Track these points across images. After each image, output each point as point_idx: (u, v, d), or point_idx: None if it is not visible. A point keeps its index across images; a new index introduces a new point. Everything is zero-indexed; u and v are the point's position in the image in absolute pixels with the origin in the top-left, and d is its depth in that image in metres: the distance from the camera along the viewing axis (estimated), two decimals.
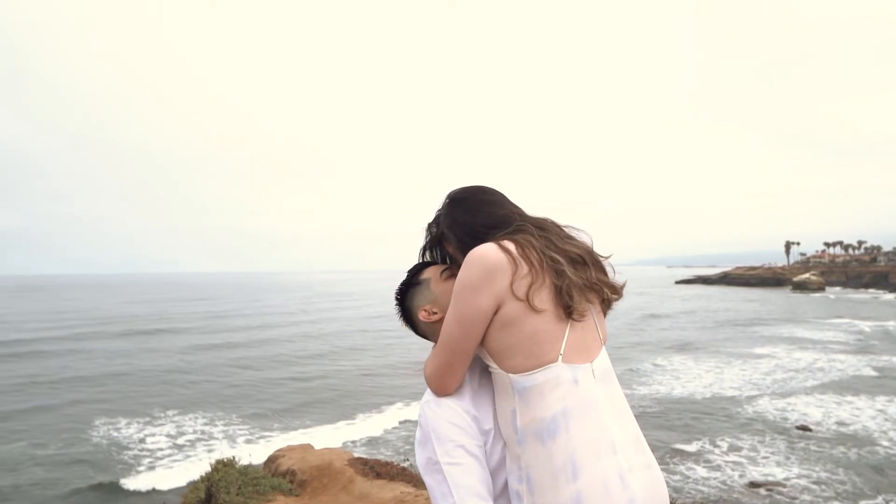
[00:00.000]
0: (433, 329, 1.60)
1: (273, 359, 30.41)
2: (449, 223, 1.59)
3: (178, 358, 30.89)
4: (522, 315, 1.39)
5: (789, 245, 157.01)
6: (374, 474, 5.99)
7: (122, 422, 17.99)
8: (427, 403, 1.50)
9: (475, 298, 1.40)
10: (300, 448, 7.90)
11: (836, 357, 28.89)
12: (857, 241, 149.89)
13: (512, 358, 1.41)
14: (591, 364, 1.45)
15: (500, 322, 1.41)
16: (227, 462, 6.71)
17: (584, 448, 1.36)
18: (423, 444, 1.45)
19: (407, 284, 1.65)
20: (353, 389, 22.79)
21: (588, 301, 1.47)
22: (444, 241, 1.63)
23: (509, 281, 1.39)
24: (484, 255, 1.41)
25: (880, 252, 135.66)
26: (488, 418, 1.48)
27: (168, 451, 15.19)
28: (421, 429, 1.48)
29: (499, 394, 1.47)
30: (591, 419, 1.39)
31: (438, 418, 1.44)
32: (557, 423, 1.37)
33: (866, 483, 12.80)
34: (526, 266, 1.41)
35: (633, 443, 1.43)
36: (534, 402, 1.39)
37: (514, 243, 1.44)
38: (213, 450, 14.93)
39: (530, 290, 1.39)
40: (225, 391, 22.60)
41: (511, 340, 1.41)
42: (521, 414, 1.40)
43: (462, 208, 1.58)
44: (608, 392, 1.46)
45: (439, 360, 1.48)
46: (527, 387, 1.40)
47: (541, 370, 1.40)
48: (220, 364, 28.85)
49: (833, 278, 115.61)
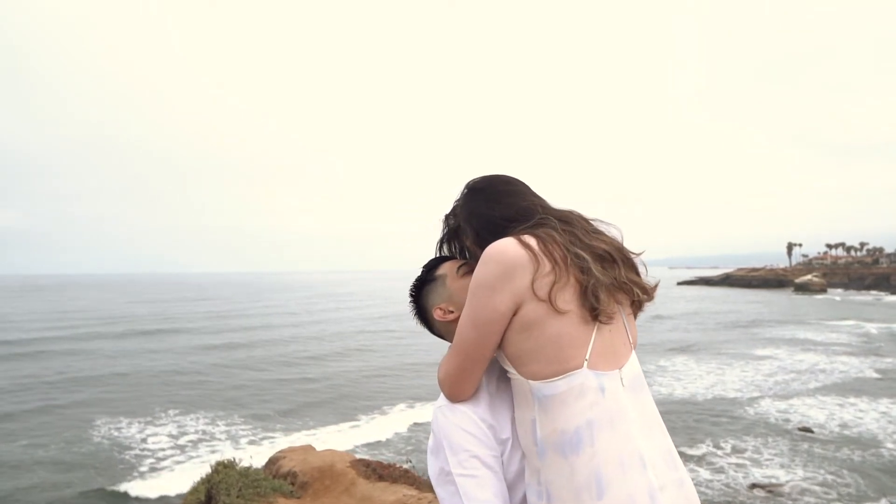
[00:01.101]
0: (449, 329, 1.49)
1: (275, 359, 30.40)
2: (466, 215, 1.47)
3: (180, 358, 30.90)
4: (544, 317, 1.27)
5: (791, 246, 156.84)
6: (377, 476, 5.95)
7: (123, 422, 17.99)
8: (440, 409, 1.39)
9: (492, 298, 1.28)
10: (301, 449, 7.86)
11: (838, 359, 28.80)
12: (859, 243, 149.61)
13: (532, 363, 1.29)
14: (620, 371, 1.33)
15: (520, 324, 1.29)
16: (227, 464, 6.68)
17: (610, 463, 1.23)
18: (436, 453, 1.35)
19: (422, 281, 1.55)
20: (355, 390, 22.77)
21: (617, 302, 1.35)
22: (460, 235, 1.53)
23: (530, 279, 1.27)
24: (502, 250, 1.29)
25: (882, 254, 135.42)
26: (506, 427, 1.37)
27: (170, 451, 15.18)
28: (433, 436, 1.37)
29: (518, 401, 1.35)
30: (619, 431, 1.26)
31: (452, 425, 1.34)
32: (581, 435, 1.25)
33: (870, 485, 12.74)
34: (548, 263, 1.28)
35: (664, 457, 1.30)
36: (556, 411, 1.27)
37: (536, 238, 1.32)
38: (216, 450, 14.91)
39: (553, 290, 1.27)
40: (227, 391, 22.60)
41: (531, 344, 1.29)
42: (541, 424, 1.28)
43: (480, 199, 1.46)
44: (638, 401, 1.33)
45: (453, 364, 1.37)
46: (548, 395, 1.28)
47: (564, 377, 1.27)
48: (222, 364, 28.85)
49: (835, 280, 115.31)
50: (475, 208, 1.45)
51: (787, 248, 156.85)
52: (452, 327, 1.47)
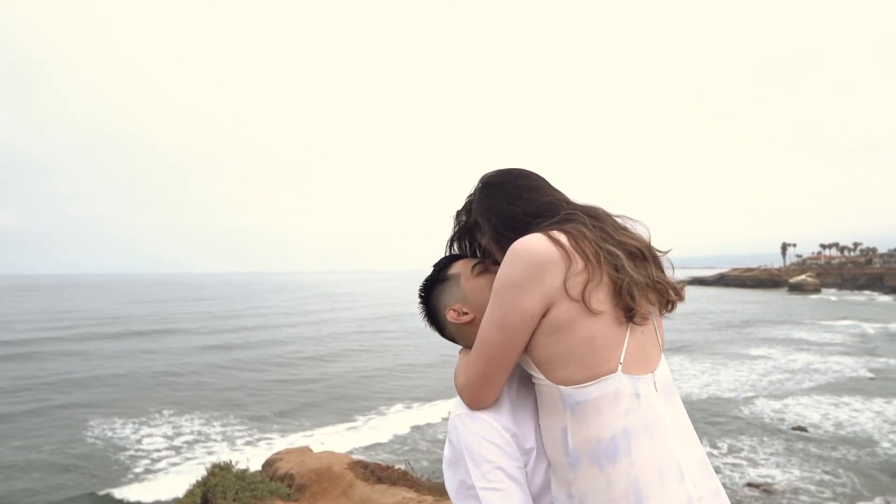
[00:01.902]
0: (462, 331, 1.41)
1: (271, 360, 30.32)
2: (483, 210, 1.38)
3: (175, 359, 30.79)
4: (577, 317, 1.18)
5: (785, 247, 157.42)
6: (375, 479, 5.93)
7: (117, 422, 17.91)
8: (459, 417, 1.28)
9: (519, 299, 1.19)
10: (298, 451, 7.85)
11: (832, 359, 28.92)
12: (852, 243, 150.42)
13: (563, 368, 1.20)
14: (653, 375, 1.25)
15: (550, 326, 1.20)
16: (223, 466, 6.66)
17: (648, 473, 1.16)
18: (455, 465, 1.25)
19: (433, 281, 1.46)
20: (352, 391, 22.74)
21: (649, 302, 1.27)
22: (475, 231, 1.44)
23: (562, 278, 1.18)
24: (531, 247, 1.20)
25: (875, 254, 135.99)
26: (530, 436, 1.28)
27: (165, 452, 15.11)
28: (451, 446, 1.27)
29: (545, 409, 1.26)
30: (655, 439, 1.19)
31: (473, 435, 1.24)
32: (617, 444, 1.17)
33: (866, 484, 12.79)
34: (581, 260, 1.19)
35: (699, 466, 1.23)
36: (589, 419, 1.18)
37: (565, 234, 1.23)
38: (212, 452, 14.87)
39: (586, 289, 1.18)
40: (222, 392, 22.53)
41: (562, 347, 1.20)
42: (573, 433, 1.19)
43: (499, 194, 1.36)
44: (671, 407, 1.25)
45: (475, 370, 1.27)
46: (580, 401, 1.19)
47: (597, 382, 1.19)
48: (217, 365, 28.76)
49: (829, 280, 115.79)
50: (493, 204, 1.36)
51: (782, 248, 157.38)
52: (466, 329, 1.39)
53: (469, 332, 1.38)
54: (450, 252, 1.52)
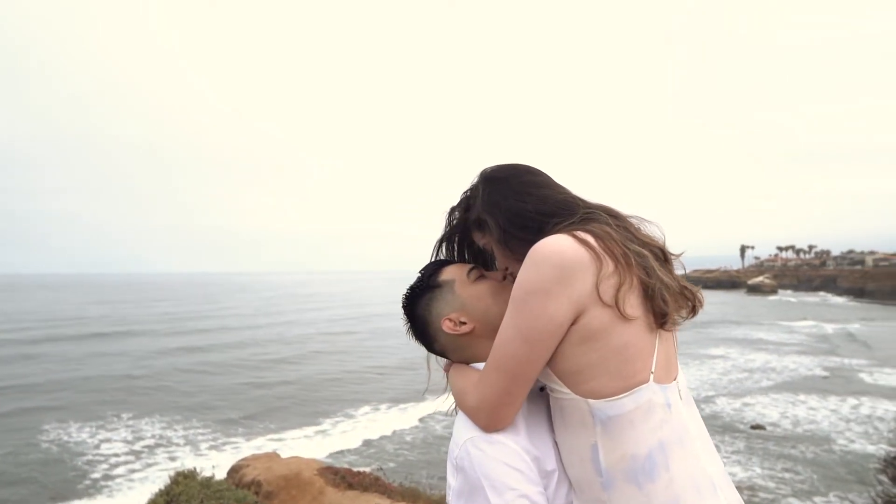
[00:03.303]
0: (458, 343, 1.28)
1: (235, 363, 29.75)
2: (488, 208, 1.25)
3: (134, 362, 29.95)
4: (609, 325, 1.09)
5: (744, 249, 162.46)
6: (346, 485, 5.83)
7: (73, 426, 17.35)
8: (471, 442, 1.14)
9: (547, 306, 1.08)
10: (265, 457, 7.69)
11: (789, 358, 29.81)
12: (807, 246, 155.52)
13: (593, 379, 1.11)
14: (676, 382, 1.18)
15: (580, 334, 1.10)
16: (187, 474, 6.46)
17: (687, 488, 1.09)
18: (470, 497, 1.11)
19: (421, 288, 1.31)
20: (319, 394, 22.44)
21: (679, 307, 1.18)
22: (474, 231, 1.33)
23: (593, 282, 1.08)
24: (558, 249, 1.10)
25: (829, 256, 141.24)
26: (550, 456, 1.17)
27: (124, 458, 14.65)
28: (463, 475, 1.13)
29: (568, 425, 1.15)
30: (688, 452, 1.12)
31: (492, 461, 1.10)
32: (655, 460, 1.09)
33: (822, 481, 13.18)
34: (611, 263, 1.10)
35: (724, 477, 1.18)
36: (623, 434, 1.09)
37: (591, 235, 1.13)
38: (175, 457, 14.49)
39: (619, 293, 1.09)
40: (184, 396, 21.98)
41: (592, 357, 1.10)
42: (606, 450, 1.10)
43: (505, 190, 1.25)
44: (693, 416, 1.19)
45: (494, 388, 1.14)
46: (612, 416, 1.10)
47: (631, 394, 1.10)
48: (179, 368, 28.09)
49: (785, 281, 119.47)
50: (500, 200, 1.24)
51: (741, 250, 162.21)
52: (463, 341, 1.28)
53: (466, 345, 1.28)
54: (438, 255, 1.40)
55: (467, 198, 1.34)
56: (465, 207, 1.34)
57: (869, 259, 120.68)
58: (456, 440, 1.18)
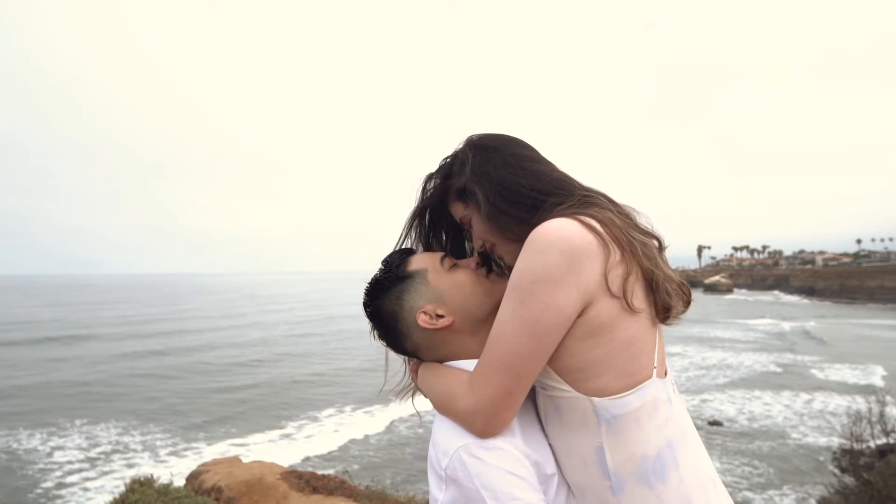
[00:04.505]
0: (435, 340, 1.15)
1: (193, 367, 29.07)
2: (477, 177, 1.13)
3: (88, 367, 29.00)
4: (616, 318, 1.02)
5: (701, 249, 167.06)
6: (311, 489, 5.71)
7: (23, 433, 16.69)
8: (466, 449, 1.02)
9: (555, 296, 0.99)
10: (227, 462, 7.50)
11: (744, 355, 30.70)
12: (761, 246, 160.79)
13: (599, 377, 1.02)
14: (671, 378, 1.12)
15: (586, 328, 1.01)
16: (143, 481, 6.25)
17: (696, 486, 1.05)
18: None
19: (389, 279, 1.17)
20: (281, 398, 22.08)
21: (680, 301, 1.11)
22: (458, 201, 1.19)
23: (601, 271, 1.00)
24: (565, 235, 1.00)
25: (782, 256, 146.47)
26: (549, 459, 1.07)
27: (79, 465, 14.16)
28: (457, 487, 1.00)
29: (567, 426, 1.06)
30: (690, 447, 1.08)
31: (492, 469, 0.99)
32: (664, 459, 1.03)
33: (777, 474, 13.59)
34: (618, 251, 1.02)
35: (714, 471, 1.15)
36: (630, 433, 1.02)
37: (596, 221, 1.04)
38: (133, 464, 14.05)
39: (627, 284, 1.02)
40: (142, 402, 21.35)
41: (599, 353, 1.02)
42: (613, 452, 1.03)
43: (496, 160, 1.13)
44: (685, 410, 1.14)
45: (495, 388, 1.02)
46: (618, 415, 1.02)
47: (636, 391, 1.03)
48: (135, 373, 27.31)
49: (740, 280, 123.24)
50: (490, 171, 1.12)
51: (697, 250, 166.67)
52: (440, 337, 1.15)
53: (442, 341, 1.15)
54: (409, 233, 1.26)
55: (449, 164, 1.20)
56: (444, 174, 1.21)
57: (819, 259, 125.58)
58: (442, 448, 1.04)
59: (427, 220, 1.27)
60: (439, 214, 1.27)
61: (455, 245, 1.32)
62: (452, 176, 1.18)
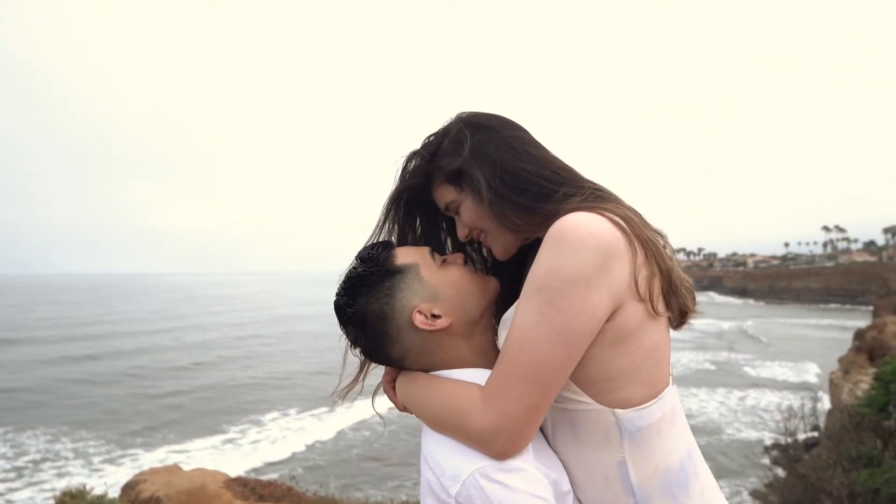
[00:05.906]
0: (429, 344, 1.01)
1: (127, 371, 28.00)
2: (476, 158, 1.01)
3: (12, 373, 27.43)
4: (643, 323, 0.93)
5: None
6: (256, 497, 5.55)
7: None
8: (482, 474, 0.88)
9: (590, 299, 0.88)
10: (165, 470, 7.23)
11: (680, 353, 31.83)
12: (697, 248, 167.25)
13: (624, 387, 0.93)
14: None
15: (614, 335, 0.92)
16: (75, 493, 5.96)
17: (715, 494, 1.01)
18: None
19: (376, 274, 1.01)
20: (222, 403, 21.52)
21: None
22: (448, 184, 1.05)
23: (630, 272, 0.91)
24: (596, 231, 0.90)
25: (716, 258, 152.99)
26: (564, 476, 0.96)
27: (3, 475, 13.35)
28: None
29: (584, 441, 0.96)
30: (700, 455, 1.02)
31: (517, 494, 0.86)
32: (686, 469, 0.96)
33: (714, 469, 13.90)
34: (642, 251, 0.92)
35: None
36: (653, 446, 0.95)
37: (619, 217, 0.94)
38: (65, 473, 13.35)
39: (651, 286, 0.93)
40: (73, 409, 20.40)
41: (625, 361, 0.93)
42: (636, 466, 0.94)
43: (496, 141, 1.02)
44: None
45: (521, 403, 0.90)
46: (641, 427, 0.94)
47: (657, 400, 0.95)
48: (66, 379, 26.08)
49: None
50: (491, 152, 1.01)
51: None
52: (435, 341, 1.01)
53: (437, 345, 1.01)
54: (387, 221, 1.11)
55: (437, 142, 1.06)
56: (430, 152, 1.06)
57: (750, 261, 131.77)
58: (450, 473, 0.90)
59: (403, 206, 1.13)
60: (418, 199, 1.12)
61: (429, 237, 1.17)
62: (442, 155, 1.04)
